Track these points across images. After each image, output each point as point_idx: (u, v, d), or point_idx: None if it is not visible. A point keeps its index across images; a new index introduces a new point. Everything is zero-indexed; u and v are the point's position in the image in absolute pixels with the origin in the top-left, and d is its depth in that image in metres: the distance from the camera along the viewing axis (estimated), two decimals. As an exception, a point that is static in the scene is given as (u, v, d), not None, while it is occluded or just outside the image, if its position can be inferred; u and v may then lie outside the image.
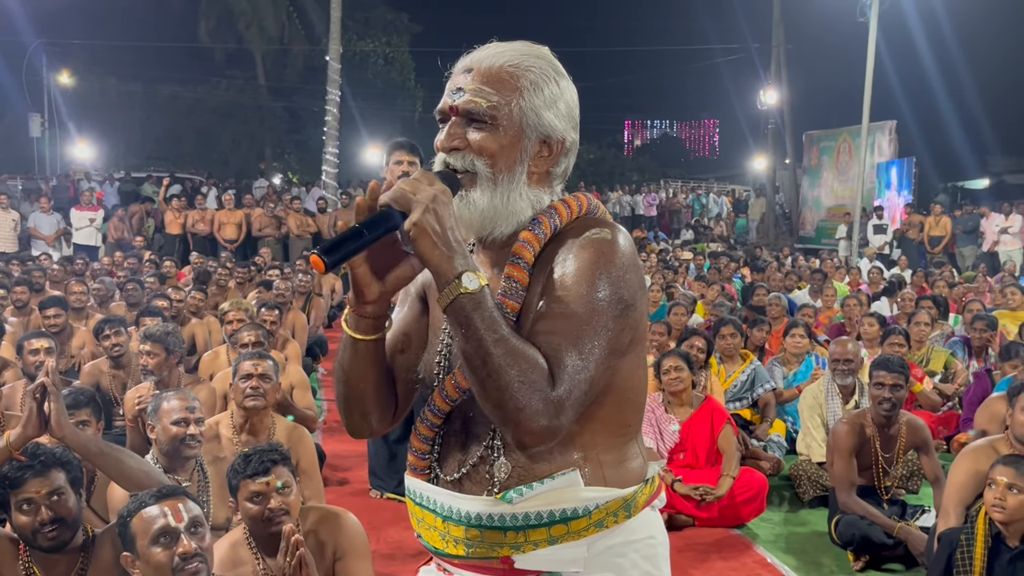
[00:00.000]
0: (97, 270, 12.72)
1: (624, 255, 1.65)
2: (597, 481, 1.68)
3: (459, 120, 1.69)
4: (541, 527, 1.66)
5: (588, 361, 1.56)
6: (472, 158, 1.68)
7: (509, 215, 1.70)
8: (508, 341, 1.51)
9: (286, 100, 34.69)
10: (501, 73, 1.67)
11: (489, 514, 1.67)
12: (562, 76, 1.73)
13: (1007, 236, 17.85)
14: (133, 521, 2.70)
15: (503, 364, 1.50)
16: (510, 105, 1.66)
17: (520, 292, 1.67)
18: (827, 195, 25.33)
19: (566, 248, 1.66)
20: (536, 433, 1.52)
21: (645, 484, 1.76)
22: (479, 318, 1.51)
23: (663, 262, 15.90)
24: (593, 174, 34.24)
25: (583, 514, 1.67)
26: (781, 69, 27.48)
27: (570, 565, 1.69)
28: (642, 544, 1.75)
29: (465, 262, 1.54)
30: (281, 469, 3.19)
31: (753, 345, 7.93)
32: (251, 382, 4.47)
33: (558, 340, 1.56)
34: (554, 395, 1.52)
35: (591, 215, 1.78)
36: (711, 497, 5.33)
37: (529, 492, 1.65)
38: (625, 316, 1.62)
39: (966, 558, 3.70)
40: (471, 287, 1.52)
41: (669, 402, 5.77)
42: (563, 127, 1.72)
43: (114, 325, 6.27)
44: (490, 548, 1.68)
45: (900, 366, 5.16)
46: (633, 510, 1.72)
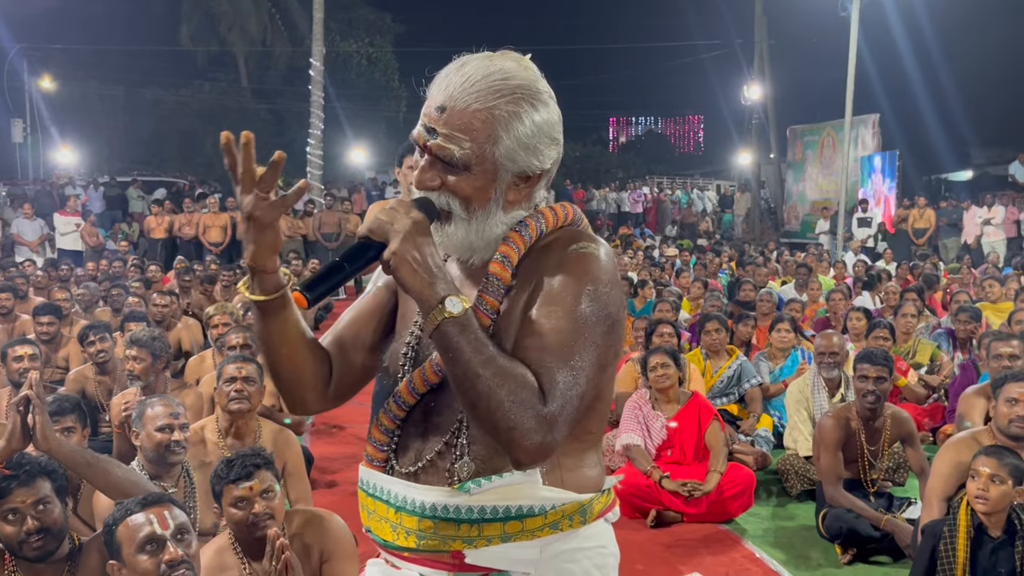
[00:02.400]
0: (81, 276, 12.67)
1: (609, 271, 1.67)
2: (555, 482, 1.69)
3: (433, 160, 1.68)
4: (496, 522, 1.66)
5: (579, 377, 1.57)
6: (448, 199, 1.68)
7: (485, 244, 1.72)
8: (496, 361, 1.53)
9: (269, 102, 34.58)
10: (474, 119, 1.63)
11: (444, 505, 1.66)
12: (541, 103, 1.68)
13: (990, 227, 17.96)
14: (119, 529, 2.69)
15: (492, 385, 1.51)
16: (483, 152, 1.64)
17: (501, 290, 1.68)
18: (812, 189, 25.41)
19: (553, 260, 1.66)
20: (530, 451, 1.52)
21: (601, 494, 1.77)
22: (465, 341, 1.53)
23: (649, 259, 15.94)
24: (579, 172, 34.23)
25: (539, 513, 1.67)
26: (764, 64, 27.60)
27: (521, 565, 1.69)
28: (594, 552, 1.75)
29: (447, 287, 1.56)
30: (264, 473, 3.19)
31: (739, 340, 7.95)
32: (235, 385, 4.46)
33: (548, 357, 1.57)
34: (546, 412, 1.52)
35: (575, 226, 1.79)
36: (699, 493, 5.35)
37: (487, 484, 1.65)
38: (612, 331, 1.64)
39: (949, 549, 3.73)
40: (455, 311, 1.53)
41: (656, 399, 5.79)
42: (540, 160, 1.70)
43: (99, 331, 6.24)
44: (442, 541, 1.68)
45: (884, 359, 5.18)
46: (588, 516, 1.73)
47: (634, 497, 5.46)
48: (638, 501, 5.46)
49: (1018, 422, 4.13)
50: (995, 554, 3.70)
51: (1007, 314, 8.40)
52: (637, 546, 5.09)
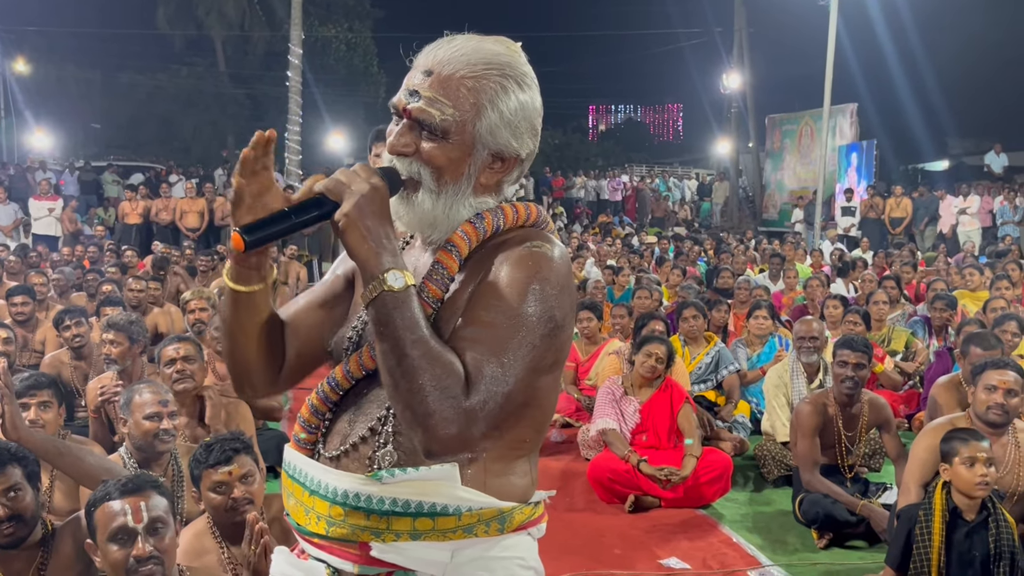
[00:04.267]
0: (57, 261, 12.55)
1: (560, 274, 1.61)
2: (477, 484, 1.63)
3: (412, 124, 1.63)
4: (406, 516, 1.59)
5: (508, 375, 1.51)
6: (419, 167, 1.64)
7: (448, 222, 1.67)
8: (426, 343, 1.48)
9: (248, 87, 34.33)
10: (460, 86, 1.60)
11: (356, 493, 1.61)
12: (526, 86, 1.66)
13: (966, 217, 18.10)
14: (96, 512, 2.67)
15: (418, 367, 1.46)
16: (465, 122, 1.61)
17: (446, 279, 1.63)
18: (790, 178, 25.50)
19: (503, 255, 1.61)
20: (444, 441, 1.46)
21: (527, 506, 1.70)
22: (399, 317, 1.48)
23: (628, 247, 15.97)
24: (558, 159, 34.24)
25: (452, 513, 1.61)
26: (743, 53, 27.65)
27: (429, 567, 1.62)
28: (511, 563, 1.67)
29: (393, 260, 1.51)
30: (244, 458, 3.17)
31: (714, 326, 7.99)
32: (175, 366, 4.52)
33: (480, 349, 1.51)
34: (467, 404, 1.46)
35: (538, 227, 1.74)
36: (676, 479, 5.37)
37: (402, 475, 1.59)
38: (554, 336, 1.58)
39: (925, 533, 3.76)
40: (395, 286, 1.49)
41: (632, 384, 5.80)
42: (519, 144, 1.67)
43: (74, 315, 6.18)
44: (351, 530, 1.61)
45: (864, 346, 5.22)
46: (507, 526, 1.66)
47: (612, 482, 5.48)
48: (616, 486, 5.47)
49: (996, 409, 4.17)
50: (970, 537, 3.73)
51: (983, 302, 8.48)
52: (615, 531, 5.11)
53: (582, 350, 7.65)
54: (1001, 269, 10.55)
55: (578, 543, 4.88)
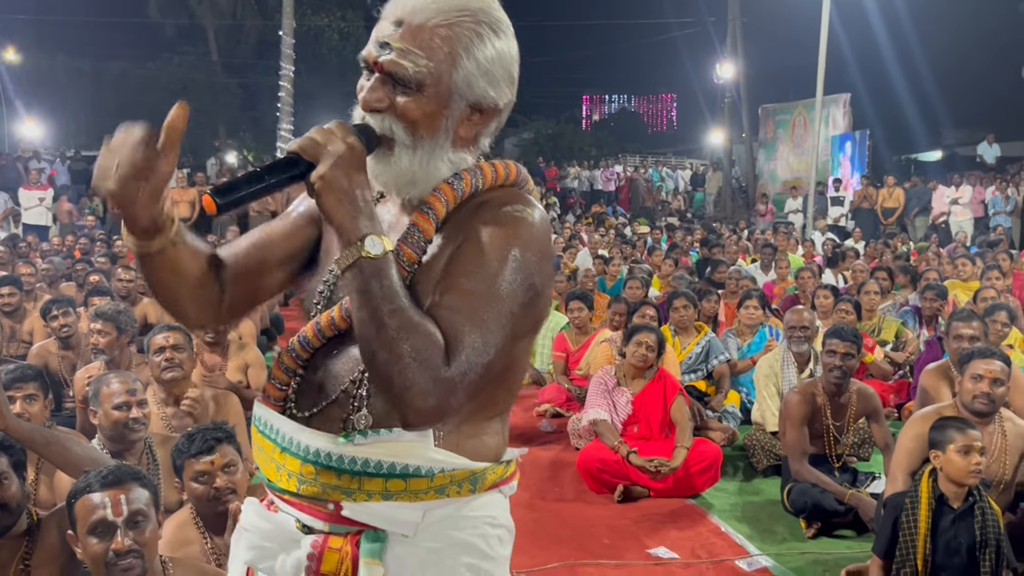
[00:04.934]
0: (47, 250, 12.51)
1: (541, 239, 1.58)
2: (449, 446, 1.61)
3: (383, 78, 1.58)
4: (378, 477, 1.57)
5: (489, 345, 1.48)
6: (392, 123, 1.57)
7: (427, 179, 1.61)
8: (405, 313, 1.43)
9: (240, 76, 34.18)
10: (434, 35, 1.54)
11: (328, 452, 1.58)
12: (501, 32, 1.60)
13: (957, 207, 18.12)
14: (77, 504, 2.65)
15: (396, 336, 1.41)
16: (439, 71, 1.55)
17: (422, 243, 1.59)
18: (783, 168, 25.52)
19: (483, 219, 1.56)
20: (422, 411, 1.44)
21: (499, 464, 1.69)
22: (377, 285, 1.44)
23: (620, 236, 15.97)
24: (552, 149, 34.14)
25: (425, 474, 1.59)
26: (737, 43, 27.60)
27: (400, 527, 1.60)
28: (481, 522, 1.67)
29: (371, 224, 1.47)
30: (226, 447, 3.15)
31: (705, 316, 7.99)
32: (164, 355, 4.50)
33: (460, 319, 1.47)
34: (446, 375, 1.43)
35: (519, 187, 1.70)
36: (666, 469, 5.37)
37: (375, 436, 1.57)
38: (533, 303, 1.55)
39: (911, 520, 3.76)
40: (374, 252, 1.44)
41: (624, 375, 5.80)
42: (497, 92, 1.62)
43: (62, 305, 6.16)
44: (322, 489, 1.59)
45: (853, 335, 5.23)
46: (479, 486, 1.65)
47: (602, 472, 5.48)
48: (606, 476, 5.47)
49: (982, 398, 4.18)
50: (955, 524, 3.74)
51: (974, 292, 8.49)
52: (604, 521, 5.11)
53: (573, 340, 7.65)
54: (992, 259, 10.58)
55: (567, 533, 4.89)
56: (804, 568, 4.53)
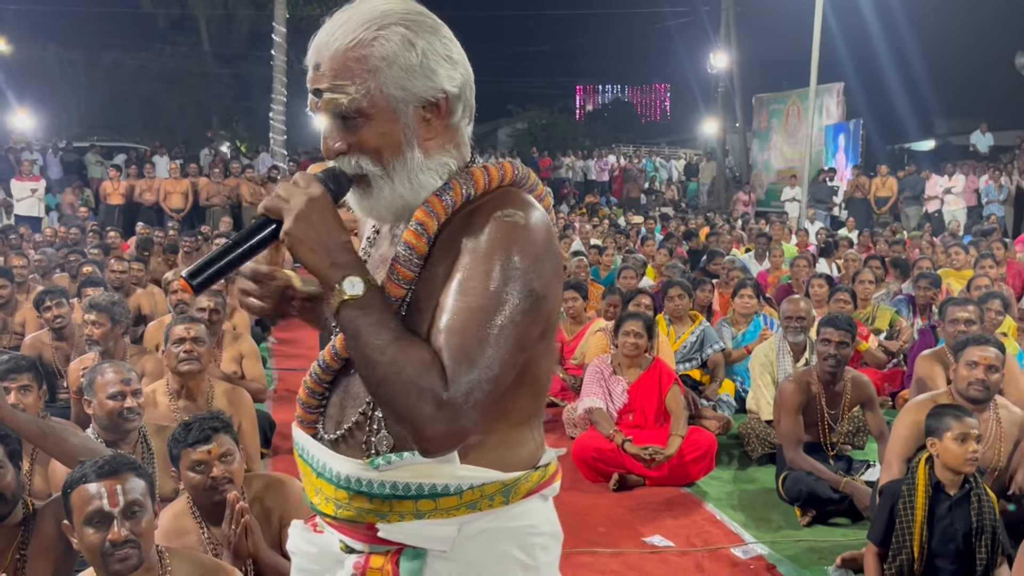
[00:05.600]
0: (39, 241, 12.46)
1: (538, 241, 1.54)
2: (477, 461, 1.60)
3: (332, 122, 1.59)
4: (408, 499, 1.58)
5: (493, 361, 1.46)
6: (357, 159, 1.59)
7: (418, 193, 1.61)
8: (396, 344, 1.44)
9: (232, 67, 34.02)
10: (347, 60, 1.54)
11: (358, 478, 1.60)
12: (418, 30, 1.57)
13: (951, 196, 18.15)
14: (73, 494, 2.64)
15: (391, 371, 1.42)
16: (370, 91, 1.54)
17: (416, 261, 1.58)
18: (777, 158, 25.50)
19: (475, 228, 1.54)
20: (434, 439, 1.44)
21: (535, 471, 1.68)
22: (364, 323, 1.45)
23: (614, 227, 15.97)
24: (545, 139, 34.05)
25: (454, 492, 1.58)
26: (731, 32, 27.54)
27: (436, 543, 1.60)
28: (520, 532, 1.65)
29: (348, 267, 1.49)
30: (223, 437, 3.14)
31: (699, 305, 8.00)
32: (184, 346, 4.46)
33: (459, 339, 1.46)
34: (448, 398, 1.42)
35: (518, 185, 1.68)
36: (661, 457, 5.37)
37: (399, 461, 1.57)
38: (536, 309, 1.52)
39: (908, 508, 3.77)
40: (354, 292, 1.46)
41: (619, 364, 5.80)
42: (439, 81, 1.58)
43: (55, 296, 6.14)
44: (356, 513, 1.61)
45: (847, 324, 5.23)
46: (512, 496, 1.63)
47: (597, 461, 5.49)
48: (601, 465, 5.48)
49: (977, 385, 4.20)
50: (952, 512, 3.75)
51: (967, 280, 8.51)
52: (600, 509, 5.12)
53: (567, 330, 7.65)
54: (986, 248, 10.60)
55: (562, 522, 4.84)
56: (799, 556, 4.54)
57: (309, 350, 8.68)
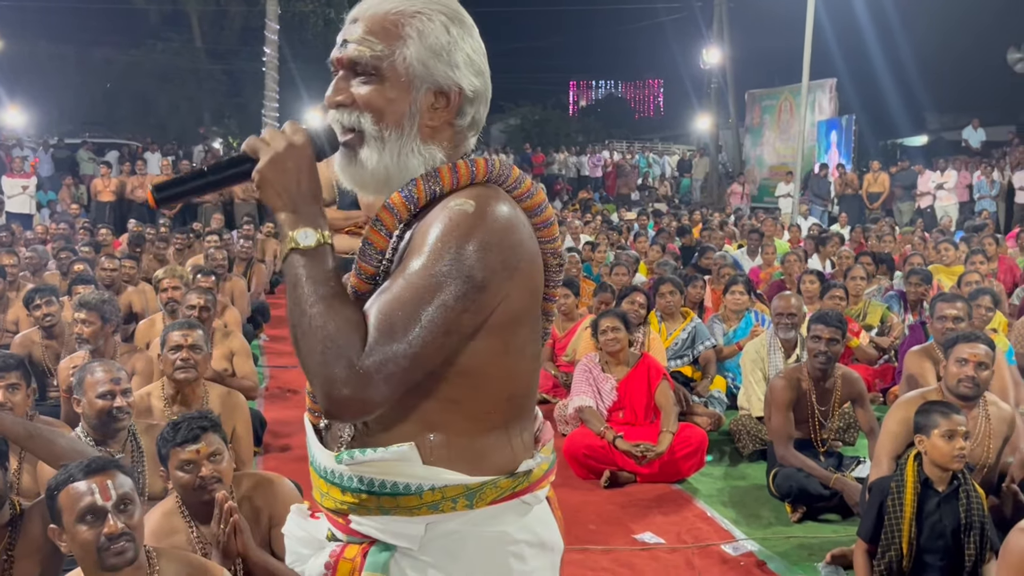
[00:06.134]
0: (30, 239, 12.42)
1: (489, 231, 1.52)
2: (440, 462, 1.59)
3: (346, 73, 1.63)
4: (371, 494, 1.60)
5: (413, 337, 1.45)
6: (358, 115, 1.61)
7: (402, 173, 1.62)
8: (328, 301, 1.47)
9: (224, 63, 33.89)
10: (386, 21, 1.59)
11: (332, 470, 1.64)
12: (457, 23, 1.62)
13: (943, 192, 18.18)
14: (60, 495, 2.63)
15: (315, 325, 1.45)
16: (394, 55, 1.59)
17: (375, 255, 1.62)
18: (769, 154, 25.53)
19: (429, 218, 1.56)
20: (339, 402, 1.45)
21: (508, 477, 1.64)
22: (306, 275, 1.49)
23: (607, 223, 15.97)
24: (538, 135, 34.07)
25: (415, 491, 1.58)
26: (723, 28, 27.56)
27: (403, 540, 1.61)
28: (489, 538, 1.63)
29: (307, 218, 1.51)
30: (211, 436, 3.13)
31: (690, 301, 8.01)
32: (181, 353, 4.38)
33: (385, 311, 1.47)
34: (361, 365, 1.43)
35: (496, 182, 1.64)
36: (652, 454, 5.38)
37: (361, 456, 1.59)
38: (471, 297, 1.49)
39: (897, 504, 3.79)
40: (306, 243, 1.49)
41: (607, 362, 5.80)
42: (458, 76, 1.62)
43: (45, 294, 6.12)
44: (334, 503, 1.65)
45: (838, 320, 5.23)
46: (477, 501, 1.60)
47: (588, 458, 5.49)
48: (592, 462, 5.48)
49: (967, 382, 4.20)
50: (940, 508, 3.77)
51: (958, 276, 8.52)
52: (591, 506, 5.12)
53: (559, 326, 7.65)
54: (977, 243, 10.61)
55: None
56: (789, 552, 4.56)
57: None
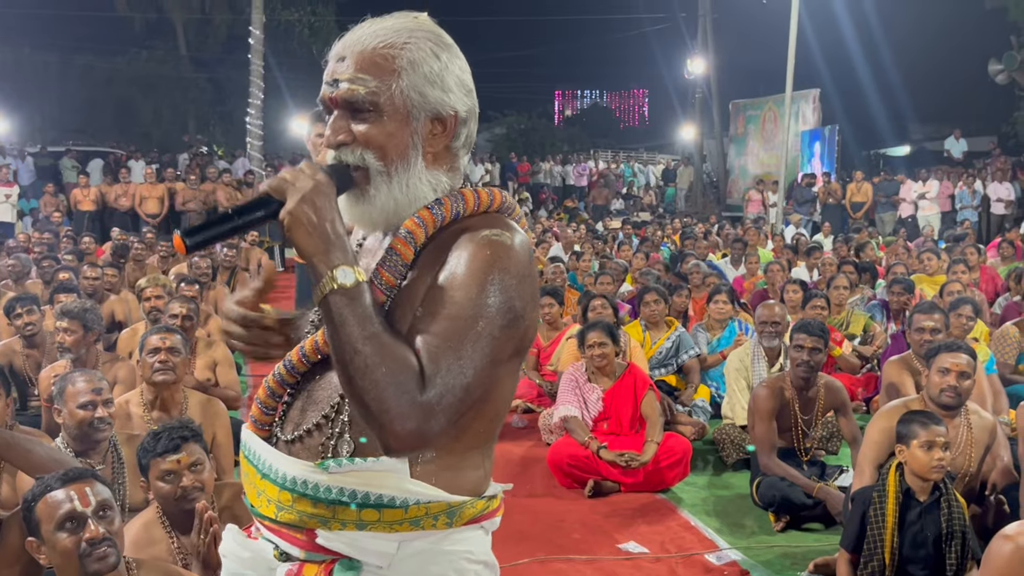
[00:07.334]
0: (12, 247, 12.33)
1: (521, 263, 1.58)
2: (426, 477, 1.60)
3: (342, 113, 1.63)
4: (352, 507, 1.58)
5: (466, 368, 1.48)
6: (361, 151, 1.62)
7: (411, 202, 1.64)
8: (379, 339, 1.46)
9: (209, 71, 33.83)
10: (375, 56, 1.60)
11: (304, 480, 1.59)
12: (443, 47, 1.65)
13: (925, 202, 18.30)
14: (38, 506, 2.61)
15: (371, 363, 1.44)
16: (391, 89, 1.60)
17: (401, 267, 1.61)
18: (753, 163, 25.64)
19: (462, 243, 1.58)
20: (402, 437, 1.45)
21: (480, 499, 1.67)
22: (351, 313, 1.46)
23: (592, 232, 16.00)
24: (524, 144, 34.07)
25: (400, 505, 1.58)
26: (707, 38, 27.69)
27: (374, 557, 1.60)
28: (456, 556, 1.64)
29: (343, 256, 1.50)
30: (192, 446, 3.12)
31: (675, 311, 8.02)
32: (159, 356, 4.39)
33: (438, 343, 1.49)
34: (423, 399, 1.45)
35: (504, 213, 1.71)
36: (636, 463, 5.38)
37: (349, 465, 1.58)
38: (513, 326, 1.55)
39: (879, 514, 3.80)
40: (345, 282, 1.47)
41: (593, 372, 5.80)
42: (453, 100, 1.65)
43: (26, 303, 6.07)
44: (298, 516, 1.60)
45: (820, 330, 5.25)
46: (456, 520, 1.63)
47: (572, 468, 5.49)
48: (576, 472, 5.48)
49: (949, 391, 4.22)
50: (922, 517, 3.78)
51: (940, 286, 8.57)
52: (574, 516, 5.12)
53: (544, 336, 7.65)
54: (959, 253, 10.68)
55: (537, 528, 4.89)
56: (773, 561, 4.56)
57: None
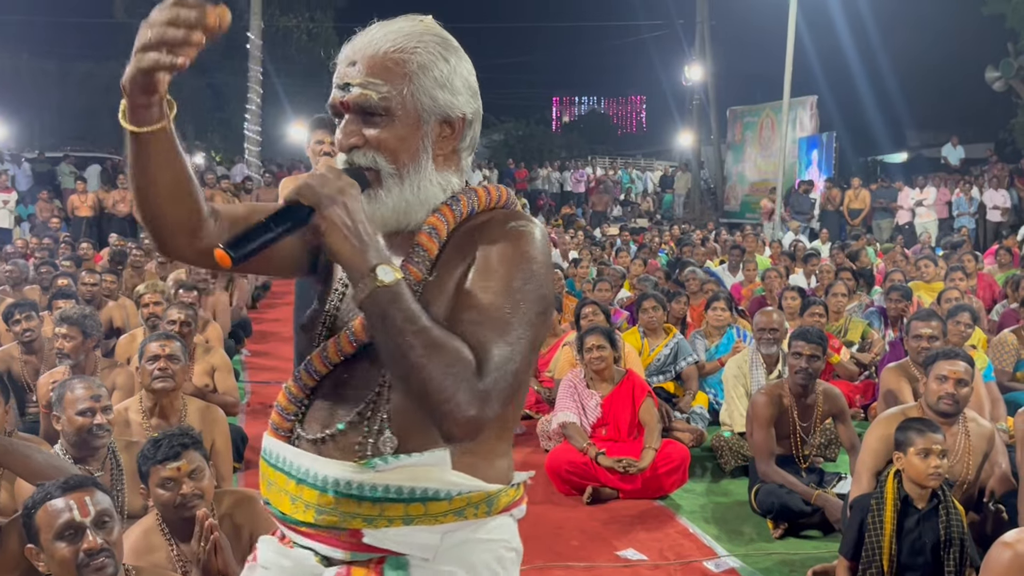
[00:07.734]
0: (11, 253, 12.34)
1: (545, 252, 1.65)
2: (466, 468, 1.64)
3: (353, 116, 1.65)
4: (399, 502, 1.60)
5: (515, 353, 1.53)
6: (373, 155, 1.63)
7: (421, 203, 1.67)
8: (429, 332, 1.47)
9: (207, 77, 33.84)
10: (387, 61, 1.62)
11: (348, 480, 1.60)
12: (451, 50, 1.67)
13: (922, 208, 18.33)
14: (38, 514, 2.61)
15: (425, 357, 1.46)
16: (402, 93, 1.62)
17: (427, 261, 1.64)
18: (751, 170, 25.67)
19: (490, 236, 1.62)
20: (464, 424, 1.48)
21: (510, 487, 1.73)
22: (397, 311, 1.47)
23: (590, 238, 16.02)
24: (522, 151, 34.14)
25: (444, 497, 1.62)
26: (705, 45, 27.73)
27: (420, 550, 1.63)
28: (497, 545, 1.70)
29: (379, 255, 1.50)
30: (192, 453, 3.11)
31: (673, 317, 8.03)
32: (159, 363, 4.38)
33: (484, 330, 1.52)
34: (481, 386, 1.48)
35: (508, 208, 1.76)
36: (634, 469, 5.38)
37: (395, 462, 1.60)
38: (546, 313, 1.62)
39: (877, 521, 3.80)
40: (387, 280, 1.47)
41: (592, 378, 5.81)
42: (461, 103, 1.68)
43: (24, 309, 6.07)
44: (342, 518, 1.61)
45: (818, 337, 5.26)
46: (493, 508, 1.69)
47: (571, 474, 5.49)
48: (575, 478, 5.48)
49: (947, 399, 4.23)
50: (920, 525, 3.78)
51: (938, 293, 8.58)
52: (573, 523, 5.12)
53: (542, 342, 7.65)
54: (956, 260, 10.70)
55: (536, 535, 4.88)
56: (771, 569, 4.56)
57: (283, 362, 8.63)
